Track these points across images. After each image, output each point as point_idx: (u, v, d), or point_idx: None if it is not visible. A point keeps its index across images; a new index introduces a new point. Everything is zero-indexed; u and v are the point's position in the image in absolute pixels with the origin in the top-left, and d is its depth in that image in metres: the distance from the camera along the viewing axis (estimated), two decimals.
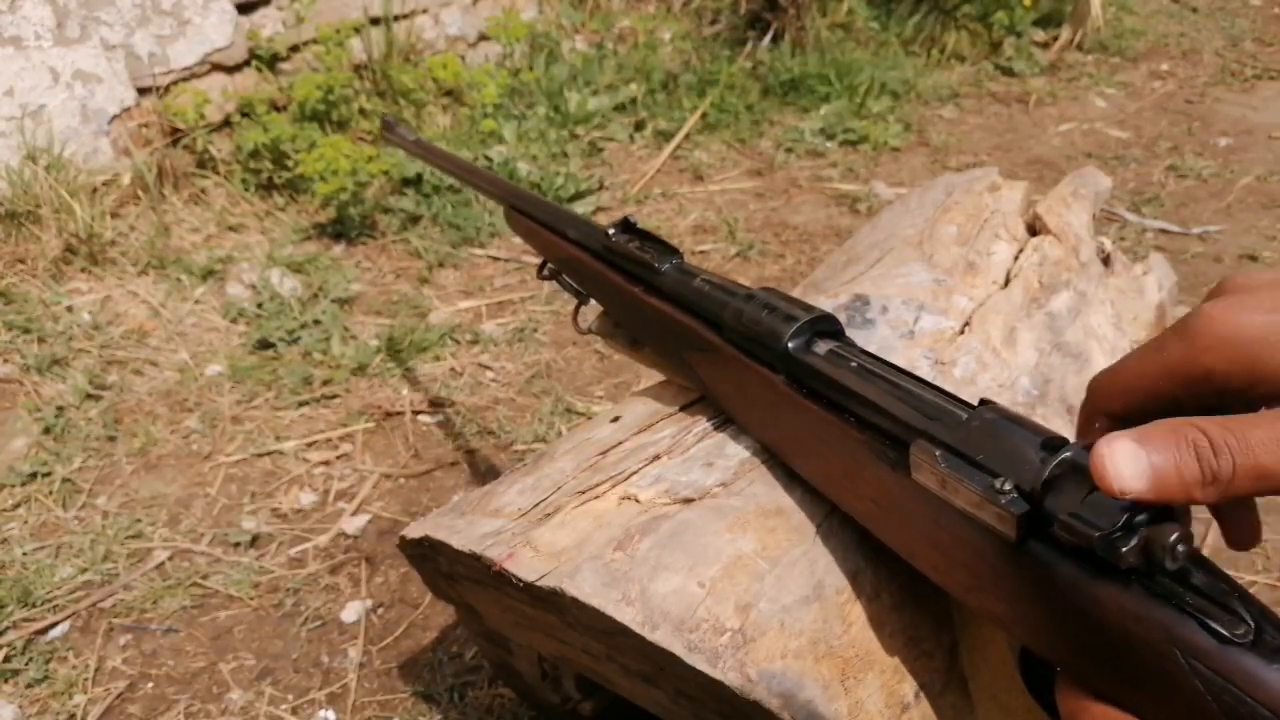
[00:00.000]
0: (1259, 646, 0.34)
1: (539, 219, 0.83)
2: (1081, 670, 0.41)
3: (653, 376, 0.80)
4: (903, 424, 0.50)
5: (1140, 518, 0.38)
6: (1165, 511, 0.38)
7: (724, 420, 0.70)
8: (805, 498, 0.62)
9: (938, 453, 0.46)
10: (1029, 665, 0.48)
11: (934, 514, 0.47)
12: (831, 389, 0.56)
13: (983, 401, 0.49)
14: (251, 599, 1.21)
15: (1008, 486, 0.43)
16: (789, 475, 0.64)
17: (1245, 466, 0.35)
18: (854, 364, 0.56)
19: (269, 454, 1.47)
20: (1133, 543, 0.37)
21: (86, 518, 1.34)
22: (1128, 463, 0.36)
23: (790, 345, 0.58)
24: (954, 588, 0.49)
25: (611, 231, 0.74)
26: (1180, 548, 0.36)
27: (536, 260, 0.87)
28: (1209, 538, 1.16)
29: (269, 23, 2.36)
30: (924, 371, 0.74)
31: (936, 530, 0.48)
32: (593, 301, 0.82)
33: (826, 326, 0.60)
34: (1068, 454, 0.42)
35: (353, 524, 1.33)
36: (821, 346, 0.58)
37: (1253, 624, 0.35)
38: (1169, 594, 0.37)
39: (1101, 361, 0.86)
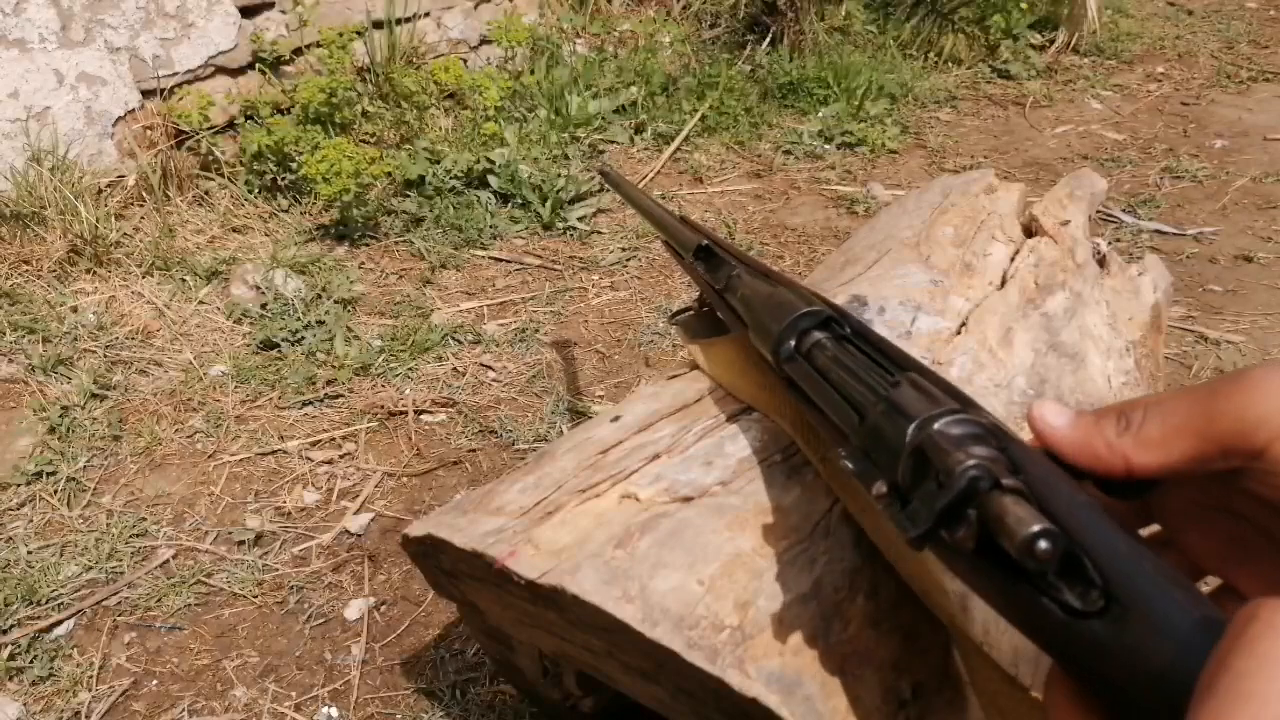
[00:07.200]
0: (1108, 612, 0.31)
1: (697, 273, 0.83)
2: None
3: (653, 377, 0.81)
4: (841, 427, 0.48)
5: (955, 495, 0.35)
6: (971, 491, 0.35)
7: (723, 420, 0.71)
8: (804, 496, 0.63)
9: (848, 463, 0.44)
10: None
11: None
12: (808, 388, 0.54)
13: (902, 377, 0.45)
14: (255, 597, 1.22)
15: (883, 490, 0.41)
16: (787, 474, 0.65)
17: (1151, 431, 0.34)
18: (827, 357, 0.53)
19: (273, 453, 1.48)
20: (961, 530, 0.35)
21: (91, 516, 1.35)
22: (1054, 413, 0.38)
23: (781, 350, 0.57)
24: (907, 582, 0.50)
25: (693, 260, 0.78)
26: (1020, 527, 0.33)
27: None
28: None
29: (272, 26, 2.37)
30: None
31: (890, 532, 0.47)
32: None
33: (813, 321, 0.57)
34: (918, 444, 0.39)
35: (356, 522, 1.34)
36: (808, 342, 0.56)
37: (1100, 583, 0.32)
38: (1026, 571, 0.33)
39: (1098, 362, 0.87)
